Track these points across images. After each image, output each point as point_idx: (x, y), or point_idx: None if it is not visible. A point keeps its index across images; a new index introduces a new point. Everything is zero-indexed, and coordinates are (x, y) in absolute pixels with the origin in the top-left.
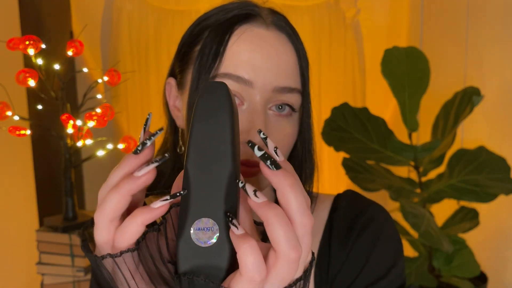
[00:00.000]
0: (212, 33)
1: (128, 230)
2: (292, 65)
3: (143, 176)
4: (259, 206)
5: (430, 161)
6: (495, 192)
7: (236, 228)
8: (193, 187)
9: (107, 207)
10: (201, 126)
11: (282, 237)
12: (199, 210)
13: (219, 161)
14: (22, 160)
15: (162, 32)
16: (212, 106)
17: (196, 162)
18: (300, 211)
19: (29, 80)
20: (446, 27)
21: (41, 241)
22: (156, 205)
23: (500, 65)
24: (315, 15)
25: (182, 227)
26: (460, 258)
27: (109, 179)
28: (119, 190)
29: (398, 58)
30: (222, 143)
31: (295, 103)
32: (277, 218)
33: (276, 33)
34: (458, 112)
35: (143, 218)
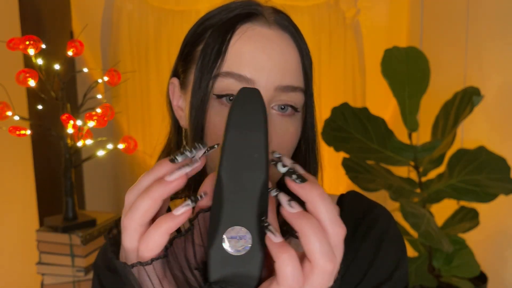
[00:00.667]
0: (214, 32)
1: (152, 239)
2: (295, 64)
3: (175, 181)
4: (294, 216)
5: (430, 161)
6: (495, 192)
7: (274, 236)
8: (226, 194)
9: (137, 212)
10: (235, 133)
11: (319, 249)
12: (231, 218)
13: (253, 169)
14: (22, 160)
15: (162, 32)
16: (246, 113)
17: (229, 169)
18: (332, 221)
19: (29, 80)
20: (446, 27)
21: (41, 241)
22: (179, 212)
23: (500, 65)
24: (315, 15)
25: (213, 235)
26: (460, 258)
27: (139, 183)
28: (150, 195)
29: (398, 58)
30: (256, 150)
31: (297, 102)
32: (313, 230)
33: (278, 32)
34: (458, 112)
35: (167, 227)
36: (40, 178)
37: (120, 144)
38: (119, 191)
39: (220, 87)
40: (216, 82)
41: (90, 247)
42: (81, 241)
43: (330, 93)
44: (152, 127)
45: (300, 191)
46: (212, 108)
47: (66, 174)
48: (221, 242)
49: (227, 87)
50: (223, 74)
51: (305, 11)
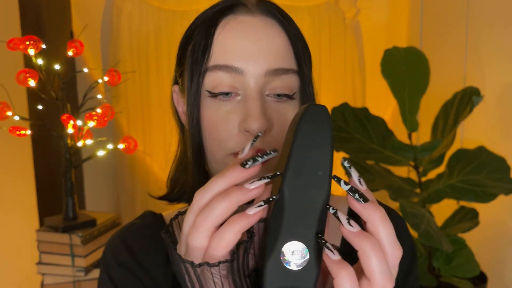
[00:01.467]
0: (200, 30)
1: (226, 237)
2: (283, 47)
3: (255, 189)
4: (354, 235)
5: (430, 161)
6: (495, 192)
7: (332, 254)
8: (288, 208)
9: (214, 213)
10: (302, 149)
11: (379, 268)
12: (291, 233)
13: (317, 186)
14: (22, 160)
15: (162, 32)
16: (313, 130)
17: (293, 184)
18: (391, 243)
19: (29, 80)
20: (445, 27)
21: (42, 241)
22: (252, 211)
23: (500, 65)
24: (315, 15)
25: (272, 247)
26: (460, 258)
27: (210, 186)
28: (229, 199)
29: (398, 58)
30: (321, 168)
31: (292, 86)
32: (374, 250)
33: (262, 17)
34: (458, 112)
35: (241, 225)
36: (40, 178)
37: (120, 144)
38: (119, 191)
39: (211, 81)
40: (206, 77)
41: (90, 247)
42: (81, 241)
43: (330, 93)
44: (152, 127)
45: (362, 210)
46: (206, 104)
47: (66, 174)
48: (279, 255)
49: (217, 80)
50: (211, 68)
51: (305, 11)
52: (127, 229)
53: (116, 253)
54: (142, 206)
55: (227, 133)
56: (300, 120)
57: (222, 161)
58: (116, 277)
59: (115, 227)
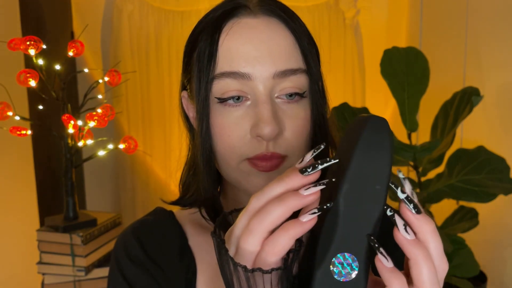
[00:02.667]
0: (204, 36)
1: (280, 243)
2: (289, 47)
3: (310, 196)
4: (409, 242)
5: (430, 161)
6: (495, 192)
7: (386, 260)
8: (342, 219)
9: (269, 217)
10: (362, 162)
11: (429, 279)
12: (343, 244)
13: (373, 200)
14: (23, 160)
15: (163, 32)
16: (375, 143)
17: (349, 197)
18: (440, 257)
19: (30, 81)
20: (445, 27)
21: (42, 241)
22: (305, 219)
23: (500, 65)
24: (315, 15)
25: (322, 257)
26: (459, 257)
27: (268, 190)
28: (286, 204)
29: (398, 58)
30: (379, 182)
31: (302, 85)
32: (426, 260)
33: (265, 18)
34: (458, 112)
35: (295, 232)
36: (41, 178)
37: (121, 144)
38: (119, 191)
39: (219, 89)
40: (214, 85)
41: (90, 246)
42: (81, 240)
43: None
44: (152, 127)
45: (415, 221)
46: (216, 111)
47: (66, 174)
48: (329, 266)
49: (225, 87)
50: (218, 75)
51: (305, 11)
52: (140, 225)
53: (128, 249)
54: (143, 205)
55: (239, 139)
56: (363, 131)
57: (237, 167)
58: (128, 273)
59: (115, 227)
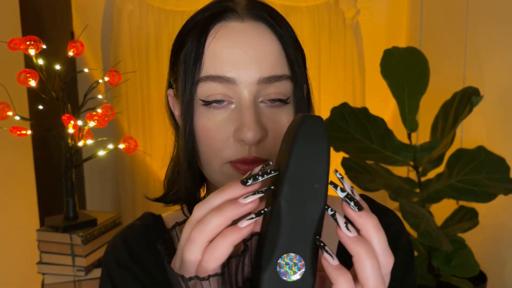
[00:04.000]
0: (191, 37)
1: (218, 250)
2: (275, 53)
3: (248, 204)
4: (351, 240)
5: (430, 161)
6: (494, 192)
7: (332, 258)
8: (284, 221)
9: (209, 227)
10: (298, 162)
11: (373, 275)
12: (287, 244)
13: (313, 198)
14: (23, 160)
15: (163, 32)
16: (310, 143)
17: (289, 197)
18: (384, 251)
19: (30, 80)
20: (445, 27)
21: (42, 241)
22: (243, 224)
23: (499, 65)
24: (315, 15)
25: (268, 259)
26: (459, 257)
27: (209, 201)
28: (224, 214)
29: (398, 58)
30: (318, 181)
31: (286, 92)
32: (369, 256)
33: (252, 23)
34: (458, 112)
35: (233, 238)
36: (41, 178)
37: (121, 144)
38: (119, 191)
39: (204, 91)
40: (199, 88)
41: (90, 246)
42: (81, 240)
43: (330, 93)
44: (152, 127)
45: (357, 218)
46: (200, 113)
47: (66, 174)
48: (275, 267)
49: (210, 90)
50: (203, 79)
51: (305, 11)
52: (128, 230)
53: (117, 253)
54: (143, 205)
55: (222, 142)
56: (296, 132)
57: (219, 169)
58: (115, 277)
59: (115, 227)
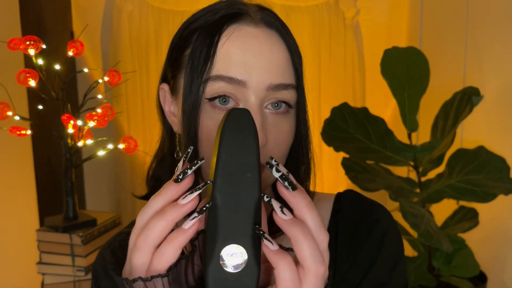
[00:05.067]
0: (201, 35)
1: (166, 254)
2: (284, 61)
3: (188, 204)
4: (286, 223)
5: (430, 161)
6: (495, 192)
7: (271, 244)
8: (221, 214)
9: (152, 233)
10: (228, 154)
11: (311, 254)
12: (227, 236)
13: (247, 188)
14: (22, 160)
15: (163, 32)
16: (238, 135)
17: (223, 190)
18: (318, 229)
19: (29, 80)
20: (445, 27)
21: (42, 241)
22: (187, 226)
23: (500, 65)
24: (315, 15)
25: (210, 254)
26: (459, 257)
27: (150, 205)
28: (165, 218)
29: (398, 58)
30: (249, 170)
31: (291, 99)
32: (304, 236)
33: (265, 29)
34: (458, 112)
35: (179, 242)
36: (41, 178)
37: (121, 144)
38: (119, 191)
39: (211, 90)
40: (207, 86)
41: (90, 246)
42: (81, 240)
43: (330, 93)
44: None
45: (290, 198)
46: (204, 113)
47: (66, 174)
48: (218, 261)
49: (218, 90)
50: (213, 78)
51: (305, 11)
52: (115, 239)
53: (104, 263)
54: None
55: None
56: (224, 126)
57: None
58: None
59: (115, 227)
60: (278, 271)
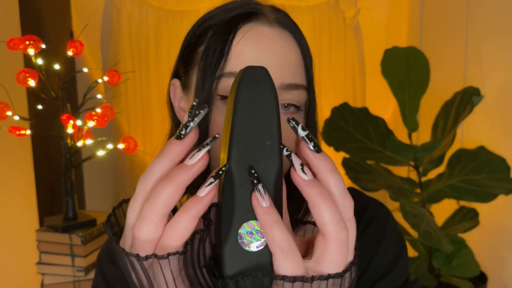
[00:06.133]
0: (215, 33)
1: (181, 226)
2: (296, 62)
3: (197, 163)
4: (306, 183)
5: (430, 161)
6: (495, 192)
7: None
8: (238, 188)
9: (160, 201)
10: (244, 118)
11: (331, 219)
12: (246, 212)
13: (267, 158)
14: (22, 160)
15: (162, 32)
16: (255, 97)
17: (240, 159)
18: (342, 195)
19: (29, 80)
20: (445, 27)
21: (42, 241)
22: (203, 192)
23: (500, 65)
24: (315, 15)
25: (227, 231)
26: (460, 258)
27: (152, 169)
28: (173, 181)
29: (398, 58)
30: (269, 137)
31: (300, 100)
32: (325, 200)
33: (279, 30)
34: (458, 112)
35: (196, 210)
36: (40, 178)
37: (120, 144)
38: (119, 191)
39: (224, 87)
40: (220, 83)
41: (90, 247)
42: (81, 241)
43: (330, 93)
44: (152, 127)
45: (314, 160)
46: (216, 109)
47: (66, 174)
48: (236, 238)
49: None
50: (226, 74)
51: (305, 11)
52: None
53: (110, 251)
54: None
55: None
56: (238, 86)
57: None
58: (108, 273)
59: None
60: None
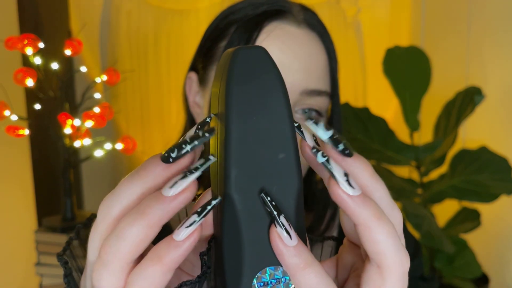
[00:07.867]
0: (240, 29)
1: (149, 279)
2: (322, 67)
3: (178, 196)
4: (355, 202)
5: (432, 161)
6: (497, 192)
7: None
8: (244, 223)
9: (126, 244)
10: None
11: (390, 247)
12: (259, 256)
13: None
14: (20, 160)
15: (162, 31)
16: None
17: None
18: (392, 207)
19: (27, 80)
20: (447, 26)
21: (40, 242)
22: (181, 236)
23: (502, 65)
24: None
25: (236, 283)
26: (461, 258)
27: (120, 192)
28: (145, 218)
29: (400, 57)
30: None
31: (322, 107)
32: (381, 223)
33: (307, 31)
34: (460, 112)
35: (169, 261)
36: (38, 178)
37: (119, 144)
38: None
39: None
40: None
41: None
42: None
43: None
44: (151, 127)
45: (347, 167)
46: None
47: (64, 174)
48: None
49: None
50: None
51: None
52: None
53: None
54: None
55: None
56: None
57: None
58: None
59: None
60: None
